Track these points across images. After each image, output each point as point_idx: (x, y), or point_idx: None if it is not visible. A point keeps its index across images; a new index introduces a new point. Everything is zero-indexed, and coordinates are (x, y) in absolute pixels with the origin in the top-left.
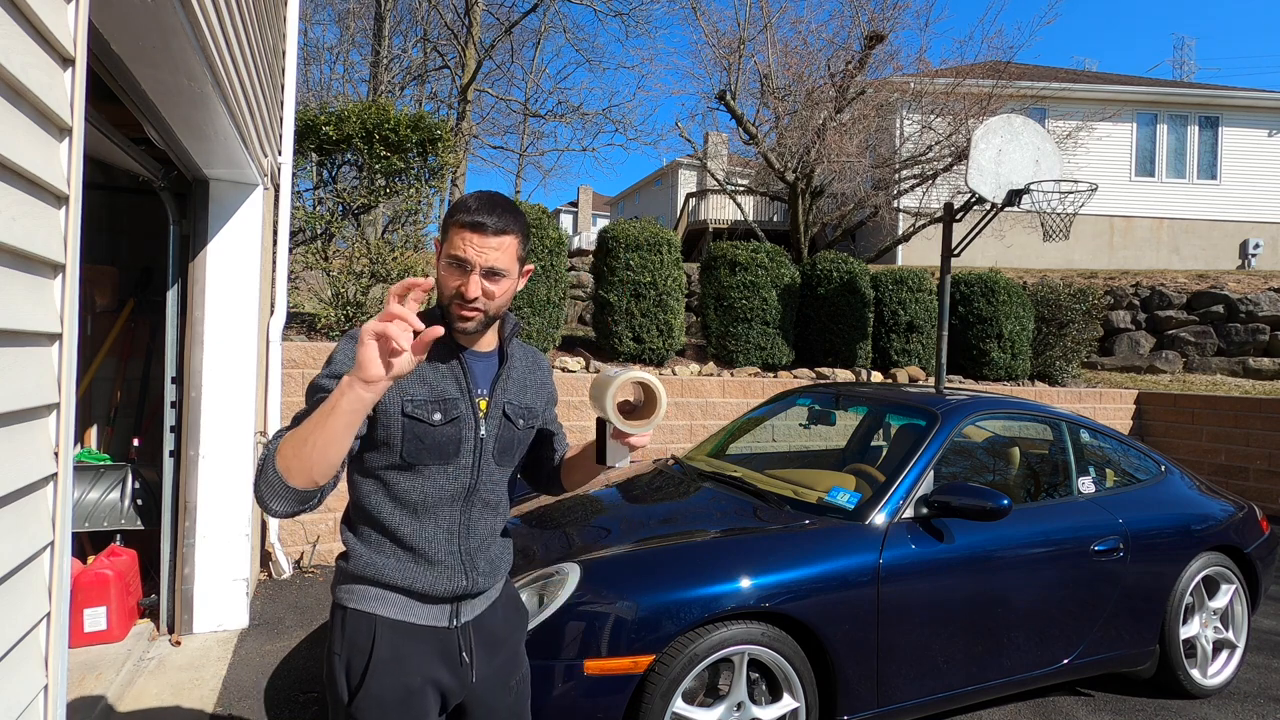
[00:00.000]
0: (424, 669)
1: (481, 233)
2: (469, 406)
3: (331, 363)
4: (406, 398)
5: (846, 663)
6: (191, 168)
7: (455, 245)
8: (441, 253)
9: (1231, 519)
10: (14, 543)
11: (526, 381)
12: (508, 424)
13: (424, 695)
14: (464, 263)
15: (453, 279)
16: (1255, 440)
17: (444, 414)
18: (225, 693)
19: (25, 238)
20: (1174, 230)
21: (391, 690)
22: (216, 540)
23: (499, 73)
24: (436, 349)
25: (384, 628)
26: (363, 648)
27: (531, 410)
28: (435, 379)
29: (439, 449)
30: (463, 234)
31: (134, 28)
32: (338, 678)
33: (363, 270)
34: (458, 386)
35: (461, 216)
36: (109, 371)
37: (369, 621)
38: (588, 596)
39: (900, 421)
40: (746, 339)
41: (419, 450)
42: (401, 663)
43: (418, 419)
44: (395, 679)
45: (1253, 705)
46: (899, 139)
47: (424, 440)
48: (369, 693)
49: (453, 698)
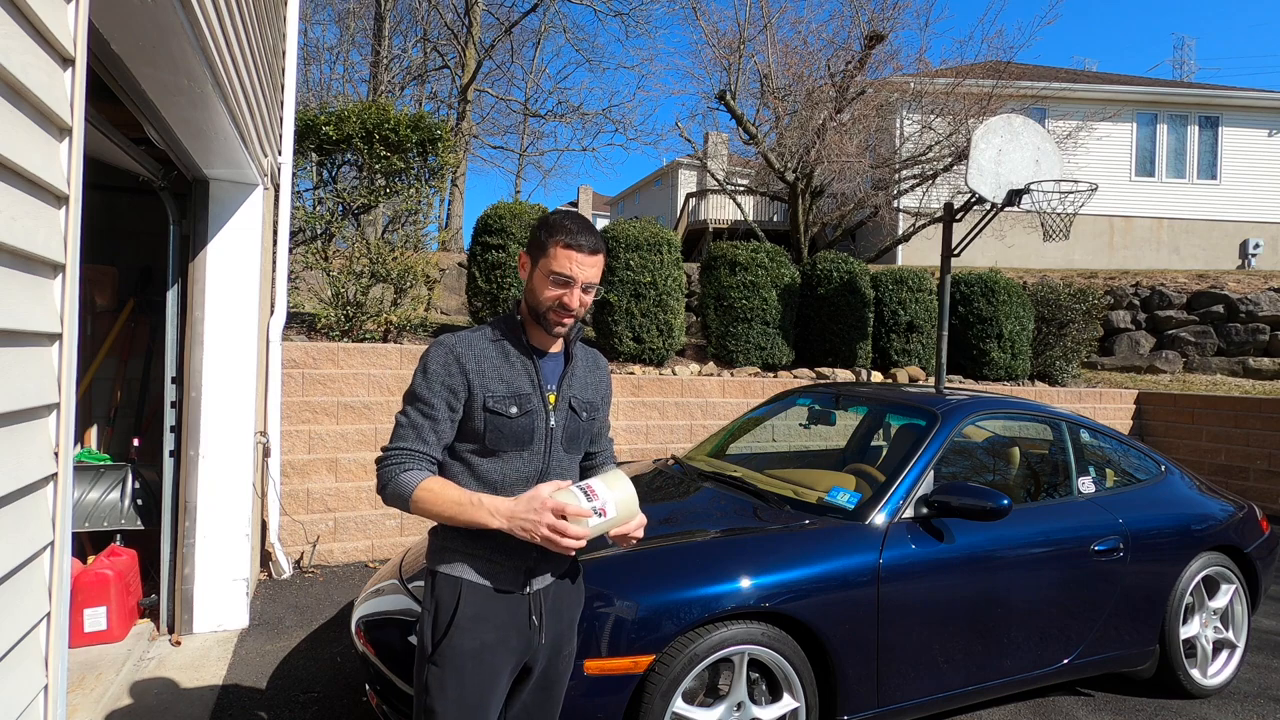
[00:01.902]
0: (499, 628)
1: (583, 252)
2: (540, 401)
3: (427, 373)
4: (489, 394)
5: (846, 663)
6: (191, 168)
7: (560, 263)
8: (538, 265)
9: (1231, 519)
10: (14, 543)
11: (588, 380)
12: (573, 416)
13: (496, 652)
14: (568, 279)
15: (555, 291)
16: (1255, 440)
17: (519, 408)
18: (225, 693)
19: (25, 238)
20: (1174, 230)
21: (469, 643)
22: (216, 540)
23: (499, 73)
24: (512, 351)
25: (468, 589)
26: (448, 605)
27: (593, 405)
28: (511, 377)
29: (516, 437)
30: (569, 253)
31: (134, 27)
32: (425, 629)
33: (363, 270)
34: (530, 383)
35: (565, 238)
36: (109, 371)
37: (455, 584)
38: (588, 596)
39: (900, 421)
40: (746, 339)
41: (499, 438)
42: (479, 621)
43: (497, 413)
44: (473, 635)
45: (1253, 705)
46: (899, 139)
47: (503, 430)
48: (451, 644)
49: (521, 657)
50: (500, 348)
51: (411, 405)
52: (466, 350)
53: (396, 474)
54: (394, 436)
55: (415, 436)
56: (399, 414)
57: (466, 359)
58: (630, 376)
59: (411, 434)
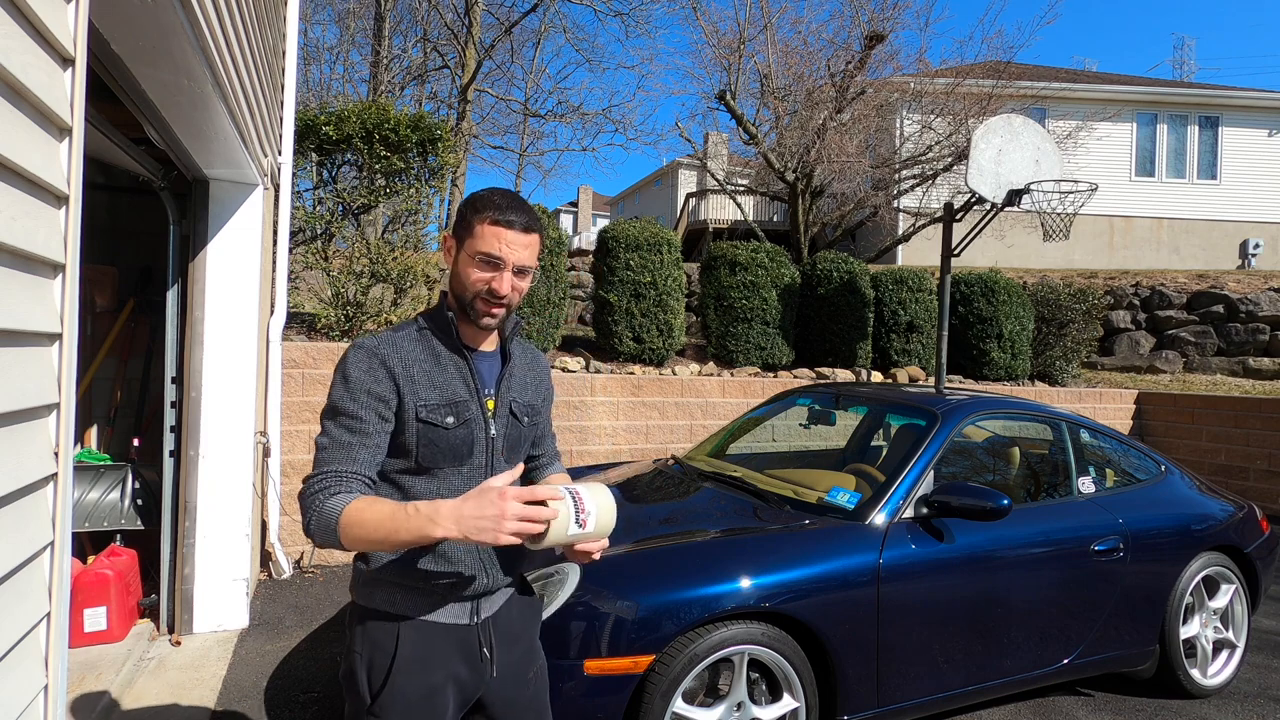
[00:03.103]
0: (446, 667)
1: (514, 230)
2: (479, 407)
3: (349, 382)
4: (420, 403)
5: (846, 663)
6: (191, 168)
7: (487, 242)
8: (463, 247)
9: (1231, 519)
10: (14, 543)
11: (527, 379)
12: (514, 422)
13: (444, 693)
14: (496, 260)
15: (483, 275)
16: (1255, 440)
17: (456, 416)
18: (225, 693)
19: (25, 238)
20: (1174, 230)
21: (415, 689)
22: (216, 540)
23: (499, 73)
24: (443, 350)
25: (407, 628)
26: (386, 649)
27: (534, 407)
28: (444, 381)
29: (453, 451)
30: (497, 230)
31: (134, 27)
32: (359, 678)
33: (363, 270)
34: (466, 388)
35: (493, 214)
36: (109, 371)
37: (392, 623)
38: (588, 596)
39: (900, 421)
40: (746, 339)
41: (434, 453)
42: (425, 662)
43: (431, 423)
44: (419, 678)
45: (1253, 705)
46: (899, 139)
47: (438, 444)
48: (393, 692)
49: (471, 694)
50: (428, 347)
51: (334, 421)
52: (391, 352)
53: (320, 504)
54: (315, 462)
55: (342, 456)
56: (319, 436)
57: (392, 362)
58: (630, 376)
59: (337, 454)
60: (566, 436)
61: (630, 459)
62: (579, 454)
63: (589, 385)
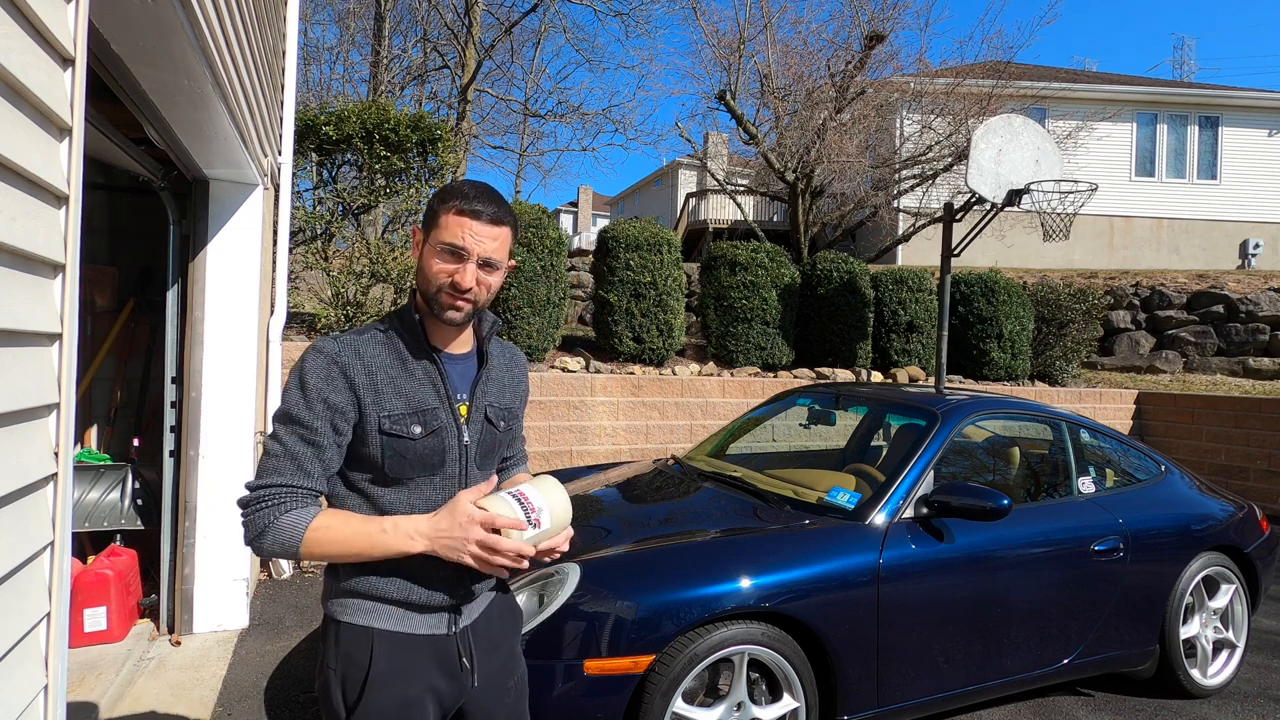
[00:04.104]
0: (423, 678)
1: (480, 221)
2: (449, 414)
3: (305, 389)
4: (383, 414)
5: (846, 663)
6: (191, 168)
7: (451, 232)
8: (428, 239)
9: (1231, 519)
10: (14, 543)
11: (505, 380)
12: (490, 428)
13: (422, 704)
14: (461, 251)
15: (446, 266)
16: (1255, 440)
17: (424, 426)
18: (225, 693)
19: (25, 238)
20: (1174, 230)
21: (391, 702)
22: (216, 540)
23: (499, 73)
24: (411, 353)
25: (381, 640)
26: (360, 661)
27: (511, 411)
28: (411, 389)
29: (423, 461)
30: (461, 220)
31: (134, 28)
32: (333, 692)
33: (363, 270)
34: (436, 394)
35: (459, 203)
36: (109, 371)
37: (365, 634)
38: (588, 596)
39: (900, 421)
40: (746, 339)
41: (401, 465)
42: (401, 674)
43: (397, 435)
44: (395, 691)
45: (1253, 705)
46: (899, 139)
47: (406, 455)
48: (368, 706)
49: (451, 705)
50: (395, 351)
51: (287, 428)
52: (352, 359)
53: (274, 519)
54: (264, 470)
55: (294, 468)
56: (269, 438)
57: (353, 370)
58: (630, 376)
59: (289, 465)
60: (566, 436)
61: (630, 459)
62: (579, 454)
63: (589, 385)
